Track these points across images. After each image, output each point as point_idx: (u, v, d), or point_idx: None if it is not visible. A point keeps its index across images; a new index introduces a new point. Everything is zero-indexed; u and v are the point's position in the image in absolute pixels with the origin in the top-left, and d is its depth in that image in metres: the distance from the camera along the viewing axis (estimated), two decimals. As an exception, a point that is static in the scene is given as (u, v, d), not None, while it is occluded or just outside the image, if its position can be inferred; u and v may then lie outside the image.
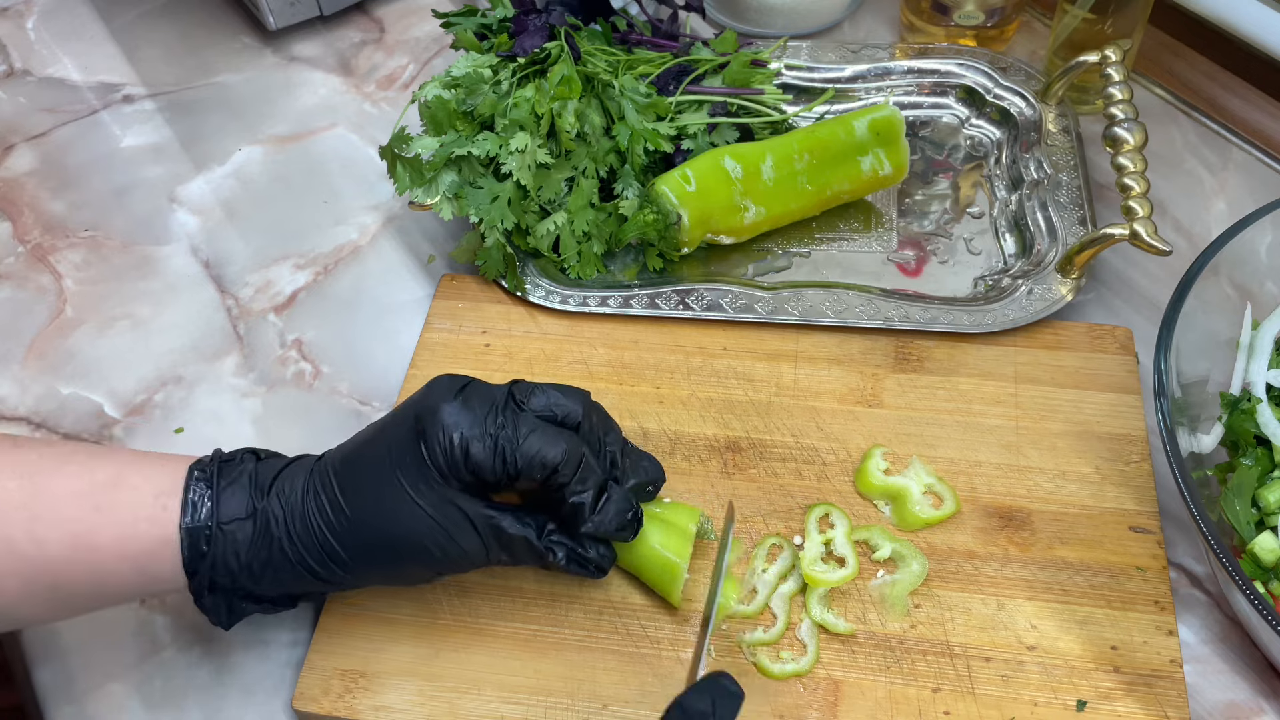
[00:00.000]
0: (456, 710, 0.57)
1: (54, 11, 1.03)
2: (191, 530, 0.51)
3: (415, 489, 0.51)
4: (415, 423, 0.51)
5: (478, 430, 0.51)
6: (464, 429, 0.51)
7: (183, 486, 0.52)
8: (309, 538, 0.52)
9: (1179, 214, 0.78)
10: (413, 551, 0.52)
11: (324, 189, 0.86)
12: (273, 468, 0.54)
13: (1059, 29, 0.81)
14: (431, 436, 0.51)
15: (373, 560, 0.53)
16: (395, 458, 0.51)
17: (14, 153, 0.90)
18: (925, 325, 0.70)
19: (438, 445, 0.50)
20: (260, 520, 0.52)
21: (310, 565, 0.52)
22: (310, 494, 0.52)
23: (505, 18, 0.80)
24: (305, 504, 0.52)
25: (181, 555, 0.51)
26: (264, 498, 0.52)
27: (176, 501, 0.51)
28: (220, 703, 0.60)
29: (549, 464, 0.51)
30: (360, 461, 0.53)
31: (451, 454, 0.50)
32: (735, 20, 0.93)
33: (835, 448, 0.66)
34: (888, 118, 0.74)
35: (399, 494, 0.51)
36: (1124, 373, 0.68)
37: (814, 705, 0.57)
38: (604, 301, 0.73)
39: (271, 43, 0.98)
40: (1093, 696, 0.56)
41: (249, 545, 0.52)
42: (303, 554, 0.52)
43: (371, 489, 0.51)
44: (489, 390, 0.53)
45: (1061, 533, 0.62)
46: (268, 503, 0.52)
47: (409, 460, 0.51)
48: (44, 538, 0.50)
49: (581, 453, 0.52)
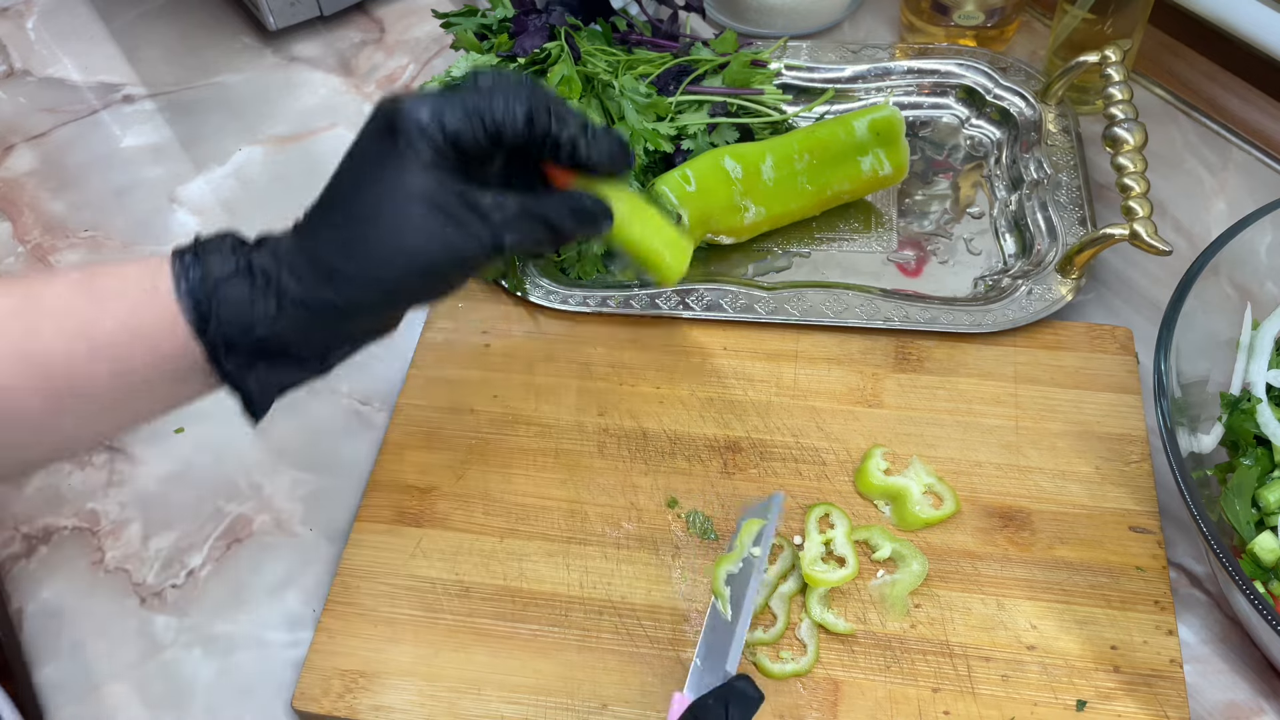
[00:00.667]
0: (456, 710, 0.57)
1: (54, 11, 1.03)
2: (191, 293, 0.49)
3: (406, 182, 0.50)
4: (385, 124, 0.51)
5: (444, 103, 0.51)
6: (432, 104, 0.51)
7: (170, 263, 0.50)
8: (315, 267, 0.50)
9: (1179, 214, 0.78)
10: (420, 248, 0.50)
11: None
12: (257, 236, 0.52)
13: (1059, 29, 0.81)
14: (406, 125, 0.50)
15: (382, 270, 0.50)
16: (375, 164, 0.51)
17: (14, 153, 0.91)
18: (925, 325, 0.70)
19: (414, 129, 0.50)
20: (255, 269, 0.50)
21: (321, 298, 0.50)
22: (306, 228, 0.51)
23: (505, 18, 0.80)
24: (304, 239, 0.51)
25: (189, 321, 0.49)
26: (252, 251, 0.51)
27: (166, 276, 0.50)
28: (220, 703, 0.60)
29: (525, 108, 0.51)
30: (342, 184, 0.52)
31: (428, 132, 0.50)
32: (735, 20, 0.93)
33: (835, 448, 0.66)
34: (888, 118, 0.74)
35: (392, 193, 0.50)
36: (1124, 373, 0.68)
37: (814, 705, 0.57)
38: (604, 301, 0.73)
39: (271, 43, 0.98)
40: (1093, 696, 0.56)
41: (251, 294, 0.50)
42: (310, 283, 0.50)
43: (362, 200, 0.50)
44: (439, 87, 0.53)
45: (1061, 533, 0.62)
46: (255, 253, 0.51)
47: (389, 161, 0.50)
48: (48, 335, 0.49)
49: (550, 93, 0.53)
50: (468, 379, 0.71)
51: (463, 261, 0.51)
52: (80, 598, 0.65)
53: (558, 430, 0.68)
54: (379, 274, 0.50)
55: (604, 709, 0.57)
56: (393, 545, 0.64)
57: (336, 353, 0.53)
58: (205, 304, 0.49)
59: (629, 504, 0.64)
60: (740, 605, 0.55)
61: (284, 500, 0.68)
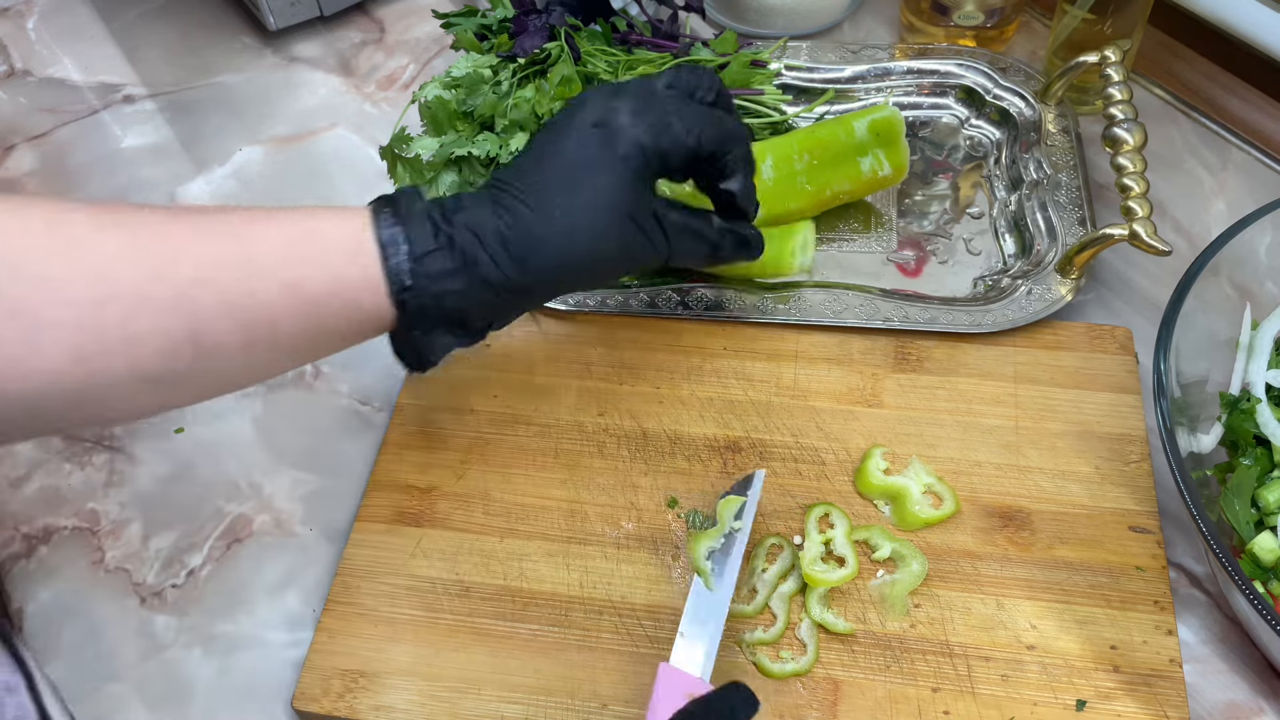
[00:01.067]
0: (456, 710, 0.57)
1: (54, 11, 1.03)
2: (397, 266, 0.52)
3: (616, 196, 0.54)
4: (601, 128, 0.54)
5: (663, 121, 0.55)
6: (653, 121, 0.55)
7: (371, 228, 0.52)
8: (509, 252, 0.53)
9: (1179, 214, 0.78)
10: (612, 254, 0.55)
11: (324, 189, 0.86)
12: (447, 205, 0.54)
13: (1059, 29, 0.81)
14: (626, 139, 0.54)
15: (573, 267, 0.55)
16: (587, 168, 0.54)
17: (14, 153, 0.91)
18: (925, 325, 0.70)
19: (634, 145, 0.54)
20: (457, 245, 0.52)
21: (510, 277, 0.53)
22: (500, 210, 0.54)
23: (505, 18, 0.80)
24: (496, 222, 0.53)
25: (390, 290, 0.52)
26: (449, 224, 0.53)
27: (371, 241, 0.52)
28: (220, 703, 0.60)
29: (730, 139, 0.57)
30: (545, 174, 0.54)
31: (647, 151, 0.54)
32: (735, 20, 0.93)
33: (835, 448, 0.66)
34: (888, 118, 0.74)
35: (599, 201, 0.54)
36: (1124, 373, 0.68)
37: (814, 705, 0.57)
38: (604, 301, 0.73)
39: (272, 43, 0.98)
40: (1092, 696, 0.56)
41: (449, 271, 0.52)
42: (507, 272, 0.53)
43: (568, 199, 0.54)
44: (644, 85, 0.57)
45: (1061, 533, 0.62)
46: (454, 230, 0.53)
47: (603, 169, 0.54)
48: (259, 292, 0.50)
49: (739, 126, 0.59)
50: (468, 379, 0.71)
51: (636, 265, 0.57)
52: (80, 598, 0.65)
53: (558, 430, 0.68)
54: (570, 270, 0.55)
55: (604, 709, 0.57)
56: (393, 545, 0.64)
57: (500, 323, 0.57)
58: (409, 276, 0.52)
59: (629, 504, 0.64)
60: (723, 576, 0.57)
61: (284, 500, 0.68)
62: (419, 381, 0.71)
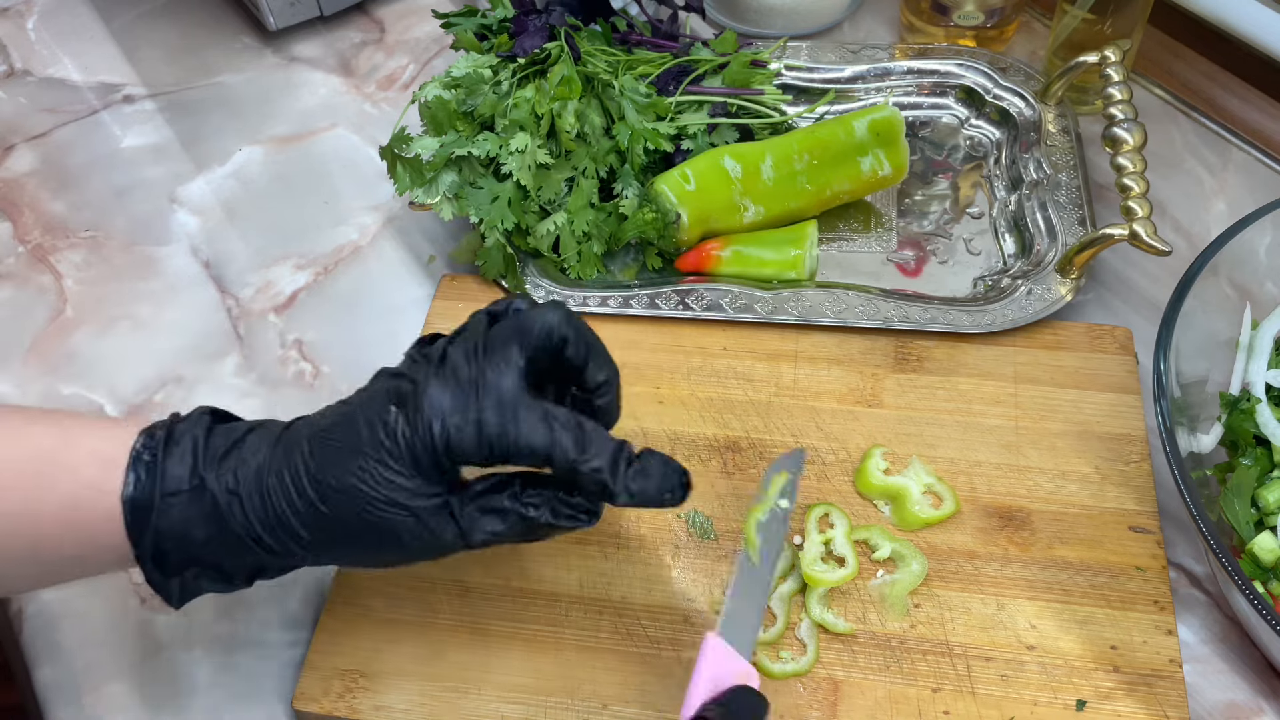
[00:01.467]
0: (456, 710, 0.57)
1: (54, 11, 1.03)
2: (133, 500, 0.48)
3: (390, 479, 0.48)
4: (392, 408, 0.49)
5: (457, 418, 0.48)
6: (444, 415, 0.48)
7: (129, 455, 0.49)
8: (267, 515, 0.49)
9: (1178, 214, 0.78)
10: (381, 541, 0.49)
11: (324, 189, 0.86)
12: (228, 435, 0.51)
13: (1058, 29, 0.81)
14: (411, 424, 0.48)
15: (335, 544, 0.50)
16: (369, 442, 0.48)
17: (14, 153, 0.91)
18: (925, 325, 0.70)
19: (417, 435, 0.48)
20: (207, 493, 0.49)
21: (266, 542, 0.49)
22: (272, 471, 0.49)
23: (505, 18, 0.80)
24: (265, 480, 0.49)
25: (124, 527, 0.49)
26: (214, 467, 0.49)
27: (119, 472, 0.49)
28: (220, 703, 0.60)
29: (540, 450, 0.48)
30: (330, 444, 0.49)
31: (432, 444, 0.48)
32: (735, 20, 0.94)
33: (835, 448, 0.66)
34: (888, 118, 0.74)
35: (372, 482, 0.48)
36: (1124, 373, 0.68)
37: (814, 705, 0.57)
38: (604, 301, 0.73)
39: (272, 43, 0.98)
40: (1092, 696, 0.56)
41: (195, 517, 0.49)
42: (258, 530, 0.49)
43: (341, 475, 0.48)
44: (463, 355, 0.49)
45: (1061, 533, 0.62)
46: (219, 473, 0.49)
47: (383, 446, 0.48)
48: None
49: (576, 428, 0.48)
50: (468, 379, 0.71)
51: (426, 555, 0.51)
52: (80, 598, 0.65)
53: (558, 430, 0.68)
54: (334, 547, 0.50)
55: (604, 709, 0.57)
56: (393, 545, 0.64)
57: (273, 575, 0.53)
58: (147, 516, 0.49)
59: (629, 504, 0.64)
60: (767, 555, 0.55)
61: (284, 500, 0.68)
62: (419, 381, 0.71)
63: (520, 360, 0.49)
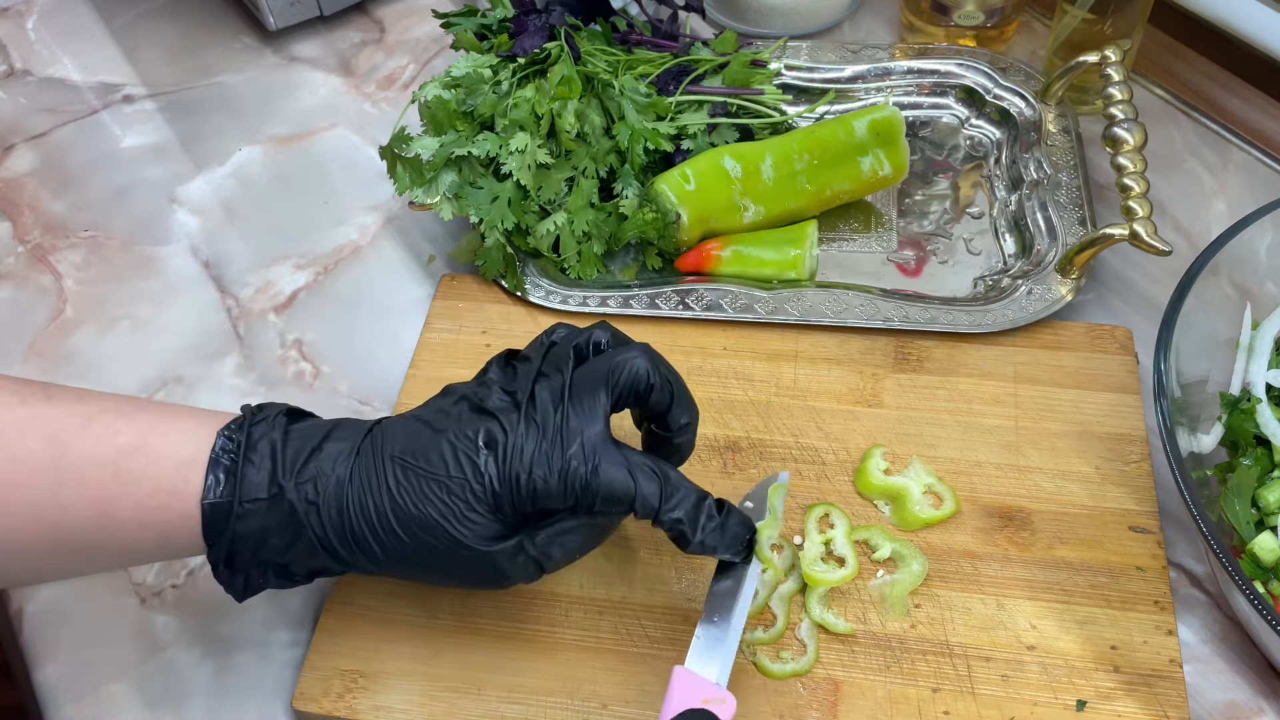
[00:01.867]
0: (456, 710, 0.57)
1: (54, 11, 1.03)
2: (212, 507, 0.50)
3: (471, 519, 0.49)
4: (483, 449, 0.50)
5: (543, 469, 0.49)
6: (532, 467, 0.49)
7: (207, 457, 0.50)
8: (344, 530, 0.50)
9: (1179, 214, 0.78)
10: (455, 570, 0.52)
11: (324, 189, 0.86)
12: (305, 439, 0.52)
13: (1059, 29, 0.81)
14: (500, 472, 0.49)
15: (407, 565, 0.52)
16: (456, 479, 0.49)
17: (14, 153, 0.91)
18: (925, 325, 0.70)
19: (504, 484, 0.49)
20: (285, 502, 0.50)
21: (339, 554, 0.51)
22: (353, 487, 0.50)
23: (505, 18, 0.80)
24: (345, 495, 0.50)
25: (201, 529, 0.50)
26: (293, 476, 0.50)
27: (199, 474, 0.50)
28: (220, 703, 0.60)
29: (623, 501, 0.50)
30: (415, 469, 0.50)
31: (519, 492, 0.49)
32: (735, 20, 0.93)
33: (835, 448, 0.66)
34: (888, 118, 0.74)
35: (453, 518, 0.49)
36: (1124, 373, 0.68)
37: (814, 705, 0.57)
38: (604, 301, 0.73)
39: (271, 43, 0.98)
40: (1093, 696, 0.56)
41: (272, 525, 0.50)
42: (333, 543, 0.50)
43: (423, 504, 0.50)
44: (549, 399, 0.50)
45: (1061, 533, 0.62)
46: (298, 482, 0.50)
47: (469, 486, 0.49)
48: (68, 503, 0.49)
49: (660, 478, 0.50)
50: (468, 379, 0.71)
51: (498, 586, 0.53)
52: (80, 598, 0.65)
53: (558, 430, 0.68)
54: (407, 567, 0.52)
55: (604, 709, 0.57)
56: (393, 545, 0.64)
57: (329, 574, 0.55)
58: (223, 522, 0.50)
59: (629, 504, 0.64)
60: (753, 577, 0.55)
61: (284, 500, 0.68)
62: (419, 382, 0.71)
63: (607, 406, 0.51)
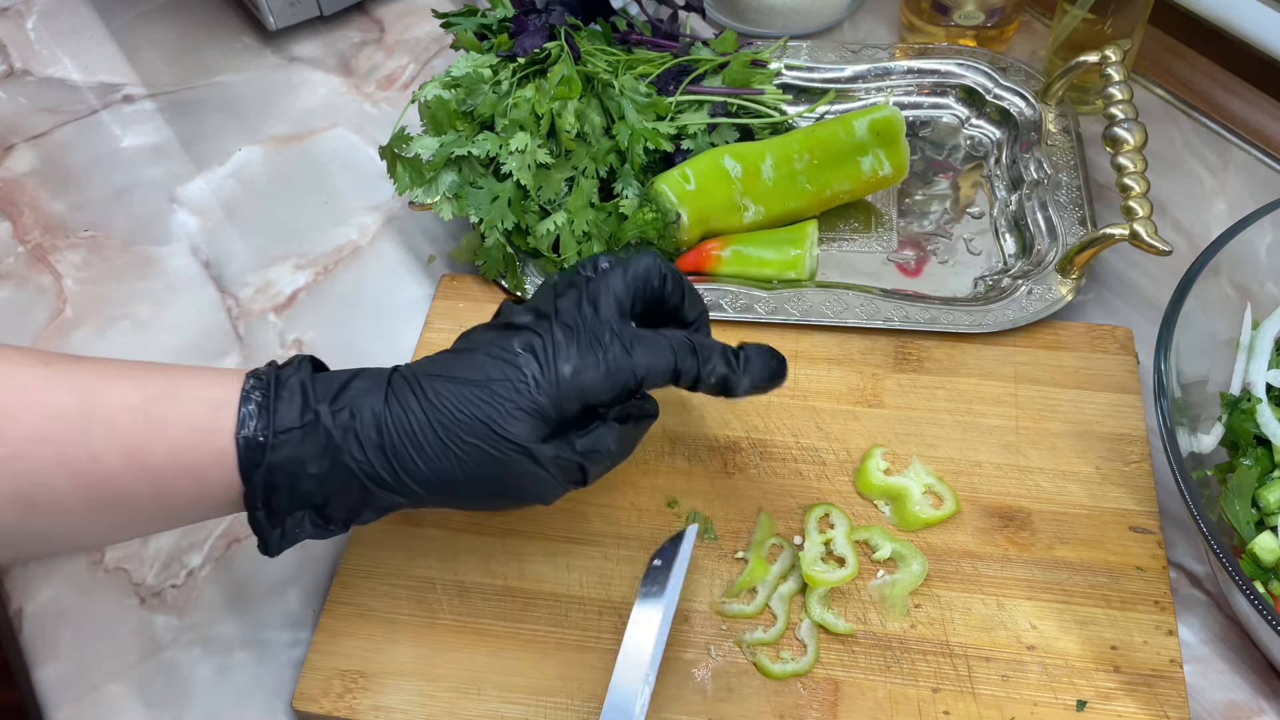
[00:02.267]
0: (456, 710, 0.57)
1: (54, 11, 1.03)
2: (247, 440, 0.49)
3: (518, 416, 0.50)
4: (520, 351, 0.51)
5: (584, 360, 0.50)
6: (574, 359, 0.50)
7: (238, 396, 0.50)
8: (384, 448, 0.50)
9: (1179, 214, 0.78)
10: (502, 478, 0.51)
11: (324, 189, 0.86)
12: (334, 379, 0.52)
13: (1059, 29, 0.81)
14: (543, 369, 0.50)
15: (452, 480, 0.51)
16: (498, 380, 0.50)
17: (14, 153, 0.91)
18: (925, 325, 0.70)
19: (547, 379, 0.50)
20: (321, 427, 0.49)
21: (381, 476, 0.50)
22: (393, 405, 0.50)
23: (505, 18, 0.80)
24: (381, 415, 0.50)
25: (238, 465, 0.49)
26: (326, 403, 0.50)
27: (232, 411, 0.49)
28: (220, 703, 0.60)
29: (667, 372, 0.52)
30: (456, 380, 0.51)
31: (562, 387, 0.50)
32: (735, 20, 0.93)
33: (835, 448, 0.66)
34: (888, 118, 0.74)
35: (499, 418, 0.50)
36: (1124, 373, 0.68)
37: (814, 705, 0.57)
38: (604, 301, 0.73)
39: (271, 43, 0.98)
40: (1093, 696, 0.56)
41: (309, 453, 0.49)
42: (373, 465, 0.50)
43: (468, 408, 0.50)
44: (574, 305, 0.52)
45: (1061, 533, 0.62)
46: (332, 410, 0.50)
47: (513, 385, 0.50)
48: (99, 451, 0.48)
49: (689, 344, 0.53)
50: (468, 379, 0.71)
51: (542, 499, 0.53)
52: (80, 598, 0.65)
53: (558, 430, 0.68)
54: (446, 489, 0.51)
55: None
56: (393, 545, 0.64)
57: (370, 517, 0.53)
58: (259, 455, 0.49)
59: (629, 504, 0.64)
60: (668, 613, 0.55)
61: (284, 500, 0.68)
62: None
63: (627, 301, 0.53)
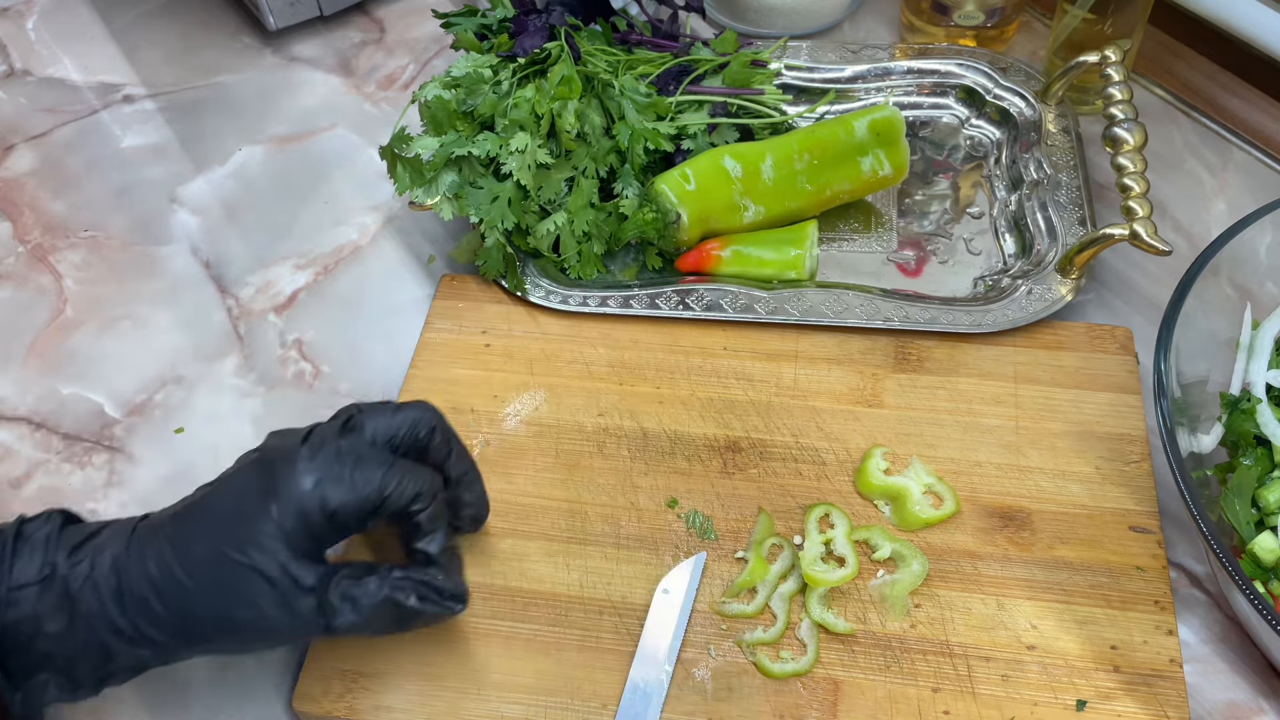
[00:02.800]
0: (456, 710, 0.57)
1: (54, 11, 1.03)
2: None
3: (258, 550, 0.49)
4: (262, 476, 0.50)
5: (333, 472, 0.50)
6: (319, 473, 0.50)
7: None
8: (122, 595, 0.49)
9: (1179, 214, 0.78)
10: (247, 617, 0.50)
11: (324, 189, 0.86)
12: (84, 529, 0.51)
13: (1059, 29, 0.81)
14: (286, 488, 0.49)
15: (192, 623, 0.50)
16: (239, 515, 0.49)
17: (14, 153, 0.91)
18: (925, 325, 0.70)
19: (292, 497, 0.49)
20: (58, 580, 0.48)
21: (119, 625, 0.49)
22: (133, 549, 0.49)
23: (505, 18, 0.80)
24: (123, 561, 0.49)
25: None
26: (67, 556, 0.49)
27: None
28: (220, 703, 0.60)
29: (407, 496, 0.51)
30: (196, 518, 0.50)
31: (304, 503, 0.49)
32: (735, 20, 0.93)
33: (835, 448, 0.66)
34: (888, 118, 0.74)
35: (240, 553, 0.49)
36: (1124, 373, 0.68)
37: (814, 705, 0.57)
38: (604, 301, 0.73)
39: (271, 43, 0.98)
40: (1093, 696, 0.56)
41: (46, 609, 0.48)
42: (112, 614, 0.49)
43: (207, 548, 0.49)
44: (326, 430, 0.53)
45: (1061, 533, 0.62)
46: (72, 561, 0.49)
47: (253, 517, 0.49)
48: None
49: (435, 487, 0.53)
50: (468, 379, 0.71)
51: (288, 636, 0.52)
52: (80, 598, 0.65)
53: (557, 430, 0.68)
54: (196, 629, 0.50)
55: (604, 709, 0.57)
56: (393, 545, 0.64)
57: (124, 676, 0.52)
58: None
59: (629, 504, 0.64)
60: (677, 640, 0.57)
61: (284, 500, 0.68)
62: (419, 381, 0.71)
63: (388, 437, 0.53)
